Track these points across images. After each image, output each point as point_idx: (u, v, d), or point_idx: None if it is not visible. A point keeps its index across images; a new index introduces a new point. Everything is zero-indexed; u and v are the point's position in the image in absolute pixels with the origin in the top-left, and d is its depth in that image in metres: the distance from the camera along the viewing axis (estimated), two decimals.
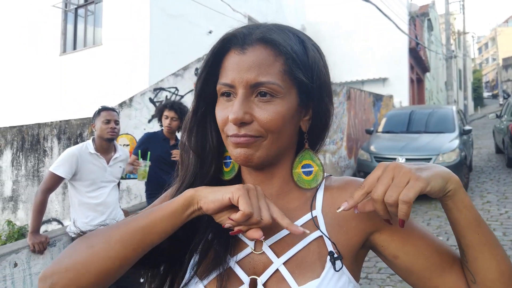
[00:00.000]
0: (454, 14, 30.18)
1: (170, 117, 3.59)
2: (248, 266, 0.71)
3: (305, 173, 0.77)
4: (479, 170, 9.51)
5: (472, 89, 38.14)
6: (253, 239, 0.66)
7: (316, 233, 0.72)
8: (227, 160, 0.80)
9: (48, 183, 2.80)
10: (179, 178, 0.81)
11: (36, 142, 6.08)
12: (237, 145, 0.70)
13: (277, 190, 0.77)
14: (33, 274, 2.68)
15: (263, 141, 0.70)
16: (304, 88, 0.72)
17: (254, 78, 0.68)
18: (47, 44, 10.59)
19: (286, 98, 0.70)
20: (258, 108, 0.69)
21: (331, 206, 0.75)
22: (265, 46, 0.70)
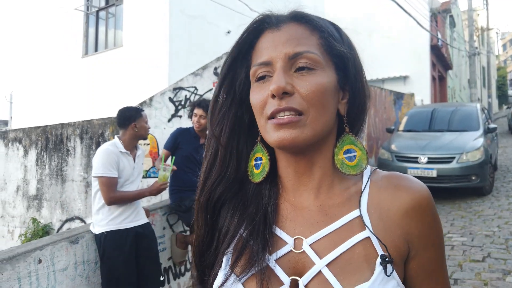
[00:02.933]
0: (477, 10, 29.46)
1: (198, 115, 3.63)
2: (288, 266, 0.66)
3: (348, 159, 0.71)
4: (504, 170, 9.25)
5: (496, 87, 37.14)
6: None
7: (362, 233, 0.65)
8: (257, 162, 0.75)
9: (109, 189, 2.83)
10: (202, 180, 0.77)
11: (60, 142, 6.21)
12: (280, 127, 0.65)
13: (318, 182, 0.71)
14: (56, 270, 2.73)
15: (306, 119, 0.65)
16: (341, 64, 0.70)
17: (293, 49, 0.66)
18: (70, 46, 10.82)
19: (326, 71, 0.68)
20: (298, 80, 0.65)
21: (377, 206, 0.68)
22: (299, 23, 0.69)
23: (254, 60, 0.70)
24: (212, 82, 5.06)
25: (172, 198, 3.71)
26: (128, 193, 2.94)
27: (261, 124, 0.69)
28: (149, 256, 3.08)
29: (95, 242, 2.98)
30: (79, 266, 2.91)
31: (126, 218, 2.96)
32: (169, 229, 3.81)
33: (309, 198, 0.71)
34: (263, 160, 0.74)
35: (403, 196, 0.68)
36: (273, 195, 0.75)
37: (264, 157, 0.74)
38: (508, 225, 5.34)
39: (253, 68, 0.70)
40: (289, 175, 0.73)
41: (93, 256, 3.00)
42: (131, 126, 3.06)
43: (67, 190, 6.06)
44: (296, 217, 0.70)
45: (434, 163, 6.72)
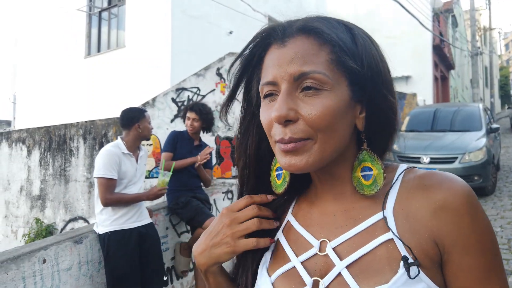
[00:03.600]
0: (480, 9, 29.37)
1: (191, 118, 3.67)
2: (313, 268, 0.68)
3: (364, 177, 0.68)
4: (507, 170, 9.23)
5: (498, 87, 37.03)
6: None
7: (385, 235, 0.63)
8: (278, 172, 0.75)
9: (106, 190, 2.85)
10: (239, 188, 0.81)
11: (63, 142, 6.24)
12: (285, 153, 0.64)
13: (341, 188, 0.72)
14: (61, 270, 2.75)
15: (313, 144, 0.63)
16: (356, 78, 0.64)
17: (298, 69, 0.62)
18: (73, 47, 10.85)
19: (335, 91, 0.62)
20: (303, 104, 0.62)
21: (404, 207, 0.65)
22: (307, 36, 0.65)
23: (262, 76, 0.68)
24: (215, 83, 5.07)
25: (169, 199, 3.73)
26: (124, 196, 2.94)
27: (271, 143, 0.68)
28: (152, 256, 3.09)
29: (98, 242, 2.99)
30: (83, 266, 2.92)
31: (129, 218, 2.98)
32: (172, 229, 3.83)
33: (335, 203, 0.72)
34: (283, 171, 0.74)
35: (432, 195, 0.63)
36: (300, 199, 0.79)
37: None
38: (511, 225, 5.34)
39: (260, 86, 0.68)
40: (314, 182, 0.75)
41: (97, 256, 3.01)
42: (134, 126, 3.07)
43: (70, 190, 6.09)
44: (322, 221, 0.72)
45: (437, 163, 6.72)
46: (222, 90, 5.02)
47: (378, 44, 0.70)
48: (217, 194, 4.58)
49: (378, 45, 0.70)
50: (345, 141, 0.66)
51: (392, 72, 0.73)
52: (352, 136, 0.68)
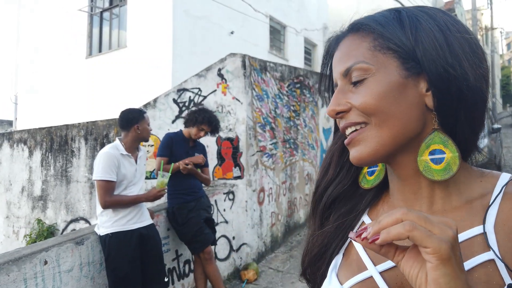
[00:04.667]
0: (482, 9, 29.30)
1: (205, 131, 3.69)
2: (395, 280, 0.60)
3: (433, 161, 0.61)
4: (509, 170, 9.21)
5: (500, 87, 36.95)
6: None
7: (484, 255, 0.55)
8: (371, 169, 0.73)
9: (105, 192, 2.86)
10: (316, 183, 0.80)
11: (64, 143, 6.25)
12: (348, 146, 0.66)
13: (428, 191, 0.64)
14: (62, 272, 2.75)
15: (370, 129, 0.61)
16: (407, 56, 0.61)
17: (344, 66, 0.65)
18: (74, 47, 10.86)
19: (379, 74, 0.61)
20: (353, 94, 0.64)
21: (506, 223, 0.57)
22: (352, 34, 0.68)
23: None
24: (216, 84, 5.07)
25: (170, 203, 3.71)
26: (124, 198, 2.95)
27: None
28: (153, 257, 3.10)
29: (100, 243, 3.00)
30: (84, 267, 2.93)
31: (130, 219, 2.98)
32: (173, 230, 3.83)
33: (422, 208, 0.64)
34: (378, 167, 0.72)
35: None
36: (377, 200, 0.74)
37: (380, 163, 0.72)
38: None
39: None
40: (395, 181, 0.68)
41: (98, 257, 3.02)
42: (133, 128, 3.07)
43: (71, 191, 6.10)
44: None
45: None
46: (223, 91, 5.02)
47: (451, 18, 0.64)
48: (218, 195, 4.58)
49: (452, 18, 0.65)
50: (411, 124, 0.60)
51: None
52: (427, 118, 0.62)
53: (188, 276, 4.08)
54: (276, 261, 5.18)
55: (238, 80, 4.92)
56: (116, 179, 2.92)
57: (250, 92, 5.01)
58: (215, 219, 4.38)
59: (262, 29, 11.65)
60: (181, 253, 4.00)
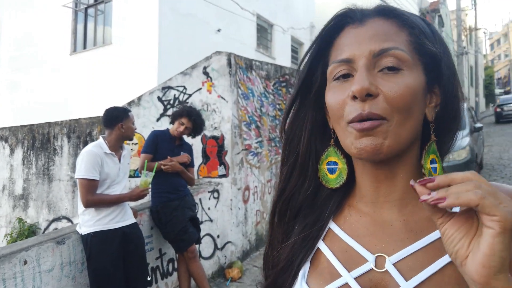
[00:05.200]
0: (466, 10, 29.75)
1: (186, 126, 3.64)
2: (369, 285, 0.60)
3: (433, 170, 0.63)
4: (490, 168, 9.40)
5: (483, 86, 37.63)
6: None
7: None
8: (331, 166, 0.69)
9: (88, 191, 2.83)
10: (277, 190, 0.74)
11: (47, 141, 6.16)
12: (361, 133, 0.58)
13: (401, 194, 0.64)
14: (42, 271, 2.72)
15: (390, 125, 0.58)
16: (431, 65, 0.62)
17: (379, 46, 0.60)
18: (58, 43, 10.70)
19: (414, 72, 0.60)
20: (383, 81, 0.59)
21: None
22: (386, 18, 0.63)
23: (332, 57, 0.65)
24: (201, 82, 5.05)
25: (154, 202, 3.69)
26: (106, 197, 2.92)
27: (339, 128, 0.63)
28: (136, 256, 3.08)
29: (81, 242, 2.97)
30: (65, 267, 2.90)
31: (113, 218, 2.96)
32: (156, 229, 3.81)
33: (392, 211, 0.64)
34: (339, 165, 0.69)
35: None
36: (342, 206, 0.71)
37: (340, 162, 0.69)
38: None
39: (332, 66, 0.64)
40: (367, 184, 0.66)
41: (79, 257, 2.99)
42: (117, 126, 3.04)
43: (54, 189, 6.02)
44: (376, 232, 0.64)
45: None
46: (209, 89, 5.00)
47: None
48: (203, 193, 4.57)
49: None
50: (417, 129, 0.62)
51: None
52: (421, 125, 0.64)
53: (171, 275, 4.07)
54: (260, 259, 5.19)
55: (224, 79, 4.92)
56: (99, 178, 2.90)
57: (236, 91, 5.01)
58: (200, 217, 4.37)
59: (249, 27, 11.64)
60: (165, 252, 3.98)
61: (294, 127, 0.72)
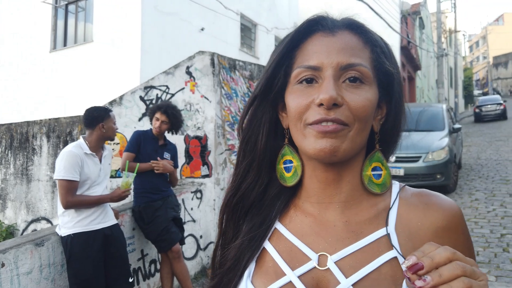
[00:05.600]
0: (446, 12, 30.35)
1: (161, 120, 3.61)
2: (311, 283, 0.63)
3: (375, 176, 0.69)
4: (468, 168, 9.62)
5: (462, 87, 38.45)
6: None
7: (389, 253, 0.62)
8: (287, 165, 0.72)
9: (67, 192, 2.77)
10: (231, 187, 0.75)
11: (25, 140, 6.03)
12: (323, 135, 0.62)
13: (345, 196, 0.68)
14: (20, 274, 2.67)
15: (349, 131, 0.62)
16: (384, 82, 0.68)
17: (347, 60, 0.63)
18: (37, 40, 10.48)
19: (372, 87, 0.66)
20: (348, 92, 0.63)
21: (406, 226, 0.65)
22: (354, 32, 0.67)
23: (298, 61, 0.67)
24: (184, 81, 5.02)
25: (136, 202, 3.66)
26: (87, 198, 2.88)
27: (297, 129, 0.66)
28: (118, 257, 3.04)
29: (61, 244, 2.92)
30: (44, 269, 2.85)
31: (94, 219, 2.92)
32: (138, 229, 3.78)
33: (335, 213, 0.68)
34: (294, 163, 0.71)
35: (434, 214, 0.64)
36: (287, 206, 0.73)
37: (295, 160, 0.71)
38: (470, 222, 5.58)
39: (298, 70, 0.66)
40: (314, 185, 0.70)
41: (59, 259, 2.94)
42: (98, 126, 3.00)
43: (32, 190, 5.90)
44: (319, 232, 0.67)
45: (402, 162, 6.93)
46: (192, 89, 4.98)
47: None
48: (186, 193, 4.55)
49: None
50: (366, 138, 0.67)
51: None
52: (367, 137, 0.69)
53: (154, 276, 4.04)
54: None
55: (207, 78, 4.90)
56: (79, 179, 2.85)
57: (219, 91, 5.00)
58: (183, 218, 4.35)
59: (233, 26, 11.62)
60: (147, 253, 3.95)
61: (251, 126, 0.73)
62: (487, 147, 12.64)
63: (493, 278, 3.81)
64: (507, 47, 48.73)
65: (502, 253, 4.40)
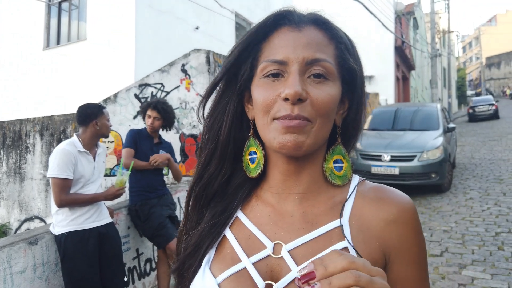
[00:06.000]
0: (439, 13, 30.54)
1: (152, 116, 3.58)
2: (265, 269, 0.65)
3: (337, 169, 0.71)
4: (462, 167, 9.67)
5: (456, 87, 38.72)
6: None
7: (340, 244, 0.64)
8: (252, 156, 0.73)
9: (61, 191, 2.73)
10: (195, 175, 0.76)
11: (18, 139, 5.96)
12: (287, 130, 0.63)
13: (304, 188, 0.70)
14: (14, 273, 2.62)
15: (312, 127, 0.64)
16: (348, 78, 0.70)
17: (312, 55, 0.65)
18: (30, 38, 10.38)
19: (336, 83, 0.67)
20: (312, 88, 0.64)
21: (360, 218, 0.67)
22: (319, 28, 0.68)
23: (265, 55, 0.68)
24: (180, 79, 4.99)
25: (132, 200, 3.63)
26: (81, 197, 2.84)
27: (263, 122, 0.67)
28: (112, 256, 3.01)
29: (55, 243, 2.88)
30: (38, 268, 2.81)
31: (88, 218, 2.88)
32: (133, 228, 3.74)
33: (294, 203, 0.70)
34: (257, 155, 0.72)
35: (385, 208, 0.67)
36: (250, 196, 0.75)
37: (258, 151, 0.72)
38: (465, 220, 5.60)
39: (264, 64, 0.67)
40: (276, 176, 0.72)
41: (53, 258, 2.90)
42: (92, 123, 2.96)
43: (26, 188, 5.83)
44: (277, 222, 0.69)
45: (397, 161, 6.95)
46: (187, 87, 4.95)
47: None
48: (181, 192, 4.52)
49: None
50: (328, 133, 0.69)
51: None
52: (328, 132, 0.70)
53: (149, 275, 4.00)
54: None
55: (202, 76, 4.87)
56: (73, 177, 2.81)
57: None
58: (179, 216, 4.32)
59: (228, 25, 11.60)
60: (142, 252, 3.92)
61: (215, 114, 0.74)
62: (480, 146, 12.72)
63: (489, 276, 3.82)
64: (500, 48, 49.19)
65: (497, 251, 4.42)
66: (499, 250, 4.45)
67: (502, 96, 43.01)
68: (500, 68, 48.94)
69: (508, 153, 11.01)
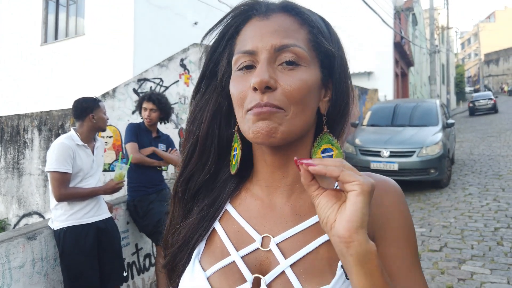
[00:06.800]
0: (438, 9, 30.49)
1: (148, 109, 3.56)
2: (254, 263, 0.65)
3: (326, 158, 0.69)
4: (461, 163, 9.68)
5: (454, 84, 38.73)
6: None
7: (325, 236, 0.64)
8: (235, 152, 0.73)
9: (60, 185, 2.70)
10: (180, 170, 0.76)
11: (16, 134, 5.93)
12: (258, 117, 0.61)
13: (293, 180, 0.69)
14: (12, 268, 2.61)
15: (286, 115, 0.62)
16: (327, 62, 0.68)
17: (280, 41, 0.63)
18: (28, 33, 10.32)
19: (310, 68, 0.65)
20: (282, 75, 0.62)
21: None
22: (289, 14, 0.67)
23: (238, 47, 0.67)
24: (179, 74, 4.97)
25: (131, 196, 3.61)
26: (80, 191, 2.82)
27: (239, 116, 0.66)
28: (111, 251, 3.00)
29: (54, 238, 2.86)
30: (37, 263, 2.79)
31: (87, 212, 2.86)
32: (132, 223, 3.73)
33: (282, 196, 0.70)
34: (236, 151, 0.72)
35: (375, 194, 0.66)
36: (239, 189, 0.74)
37: (238, 147, 0.71)
38: (464, 216, 5.61)
39: (236, 56, 0.66)
40: (264, 169, 0.71)
41: (52, 253, 2.89)
42: (88, 117, 2.94)
43: (24, 184, 5.81)
44: (266, 215, 0.69)
45: (396, 156, 6.94)
46: (186, 82, 4.92)
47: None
48: None
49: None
50: (310, 120, 0.67)
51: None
52: (314, 120, 0.69)
53: (148, 270, 3.99)
54: None
55: None
56: (72, 171, 2.79)
57: None
58: None
59: None
60: (141, 247, 3.91)
61: (197, 109, 0.74)
62: (479, 142, 12.74)
63: (488, 271, 3.82)
64: (498, 45, 49.18)
65: (496, 246, 4.42)
66: (498, 245, 4.46)
67: (500, 93, 43.07)
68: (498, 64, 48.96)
69: (506, 149, 11.03)
